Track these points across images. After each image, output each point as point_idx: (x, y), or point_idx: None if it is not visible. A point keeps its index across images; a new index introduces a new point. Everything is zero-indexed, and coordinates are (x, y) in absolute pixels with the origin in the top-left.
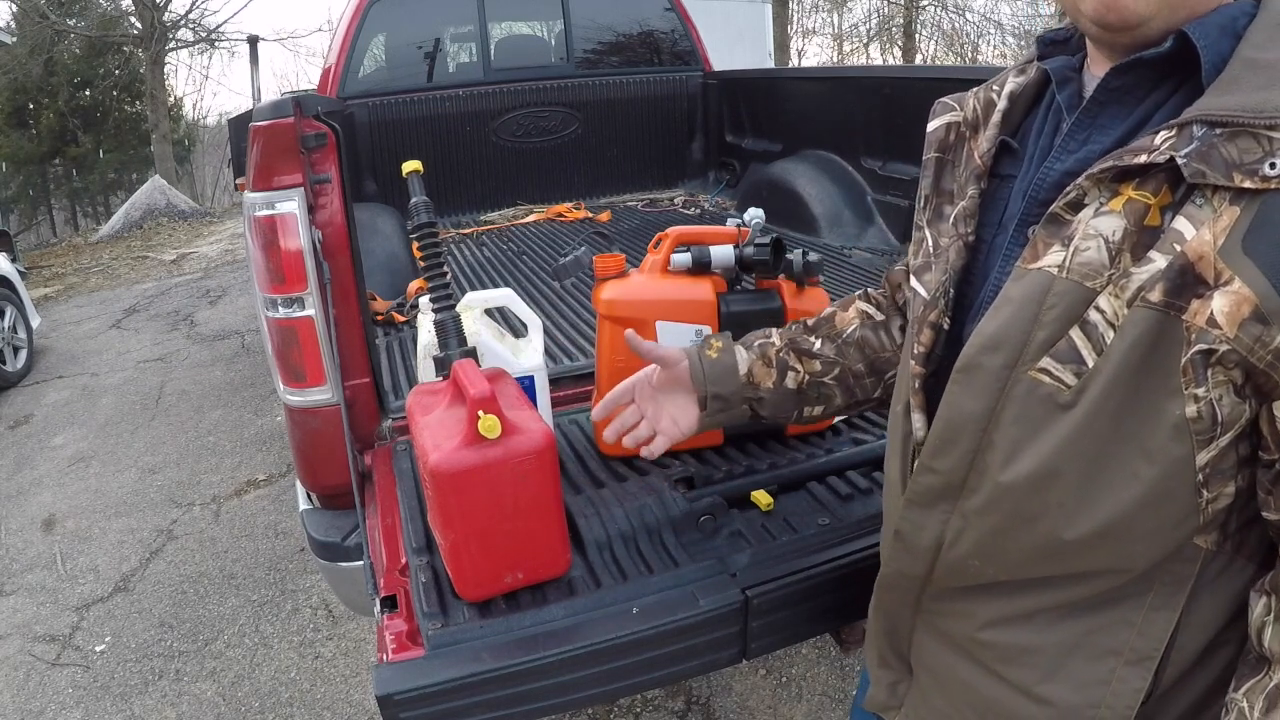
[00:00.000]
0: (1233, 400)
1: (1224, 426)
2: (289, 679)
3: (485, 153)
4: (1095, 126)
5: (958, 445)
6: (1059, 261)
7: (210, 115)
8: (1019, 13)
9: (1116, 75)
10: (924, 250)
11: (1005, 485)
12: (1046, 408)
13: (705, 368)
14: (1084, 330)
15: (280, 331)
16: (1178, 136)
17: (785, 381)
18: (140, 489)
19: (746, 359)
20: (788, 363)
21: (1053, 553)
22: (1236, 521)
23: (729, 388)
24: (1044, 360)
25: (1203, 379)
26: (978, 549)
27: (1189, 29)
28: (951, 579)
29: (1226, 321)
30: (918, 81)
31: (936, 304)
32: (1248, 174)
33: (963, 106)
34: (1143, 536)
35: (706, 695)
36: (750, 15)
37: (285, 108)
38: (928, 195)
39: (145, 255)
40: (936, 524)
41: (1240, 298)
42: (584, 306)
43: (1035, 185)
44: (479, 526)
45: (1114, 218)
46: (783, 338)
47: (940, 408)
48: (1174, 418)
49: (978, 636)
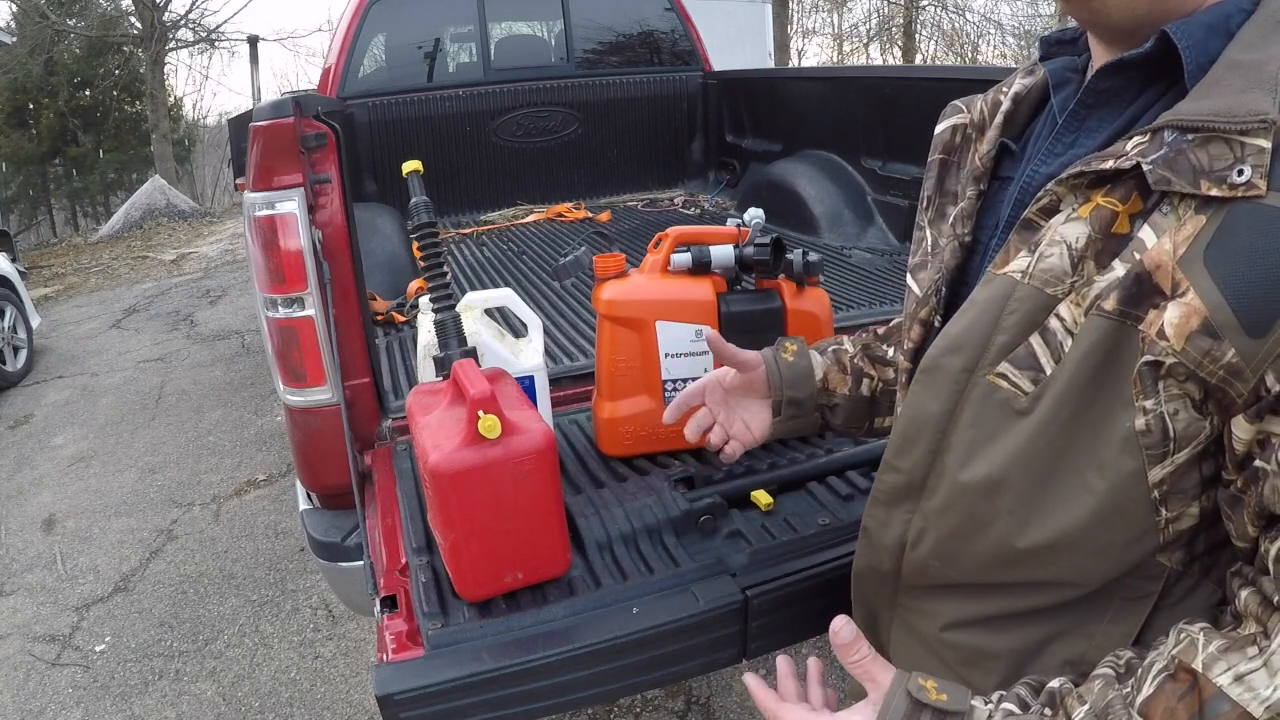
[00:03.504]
0: (1190, 415)
1: (1178, 442)
2: (289, 679)
3: (485, 153)
4: (1083, 130)
5: (918, 445)
6: (1023, 267)
7: (210, 115)
8: (1019, 13)
9: (1104, 77)
10: (923, 249)
11: (961, 487)
12: (1003, 413)
13: (782, 370)
14: (1044, 337)
15: (280, 331)
16: (1149, 142)
17: (860, 389)
18: (140, 489)
19: (822, 364)
20: (862, 369)
21: (1007, 560)
22: (1204, 544)
23: (804, 392)
24: (1002, 365)
25: (1152, 391)
26: (937, 550)
27: (1170, 28)
28: (917, 577)
29: (1174, 334)
30: (918, 81)
31: (928, 301)
32: (1216, 181)
33: (970, 109)
34: (1096, 551)
35: (706, 695)
36: (750, 15)
37: (285, 108)
38: (930, 195)
39: (145, 255)
40: (900, 523)
41: (1191, 309)
42: (584, 306)
43: (1022, 189)
44: (479, 526)
45: (1080, 224)
46: (856, 344)
47: (904, 407)
48: (1124, 430)
49: (941, 636)
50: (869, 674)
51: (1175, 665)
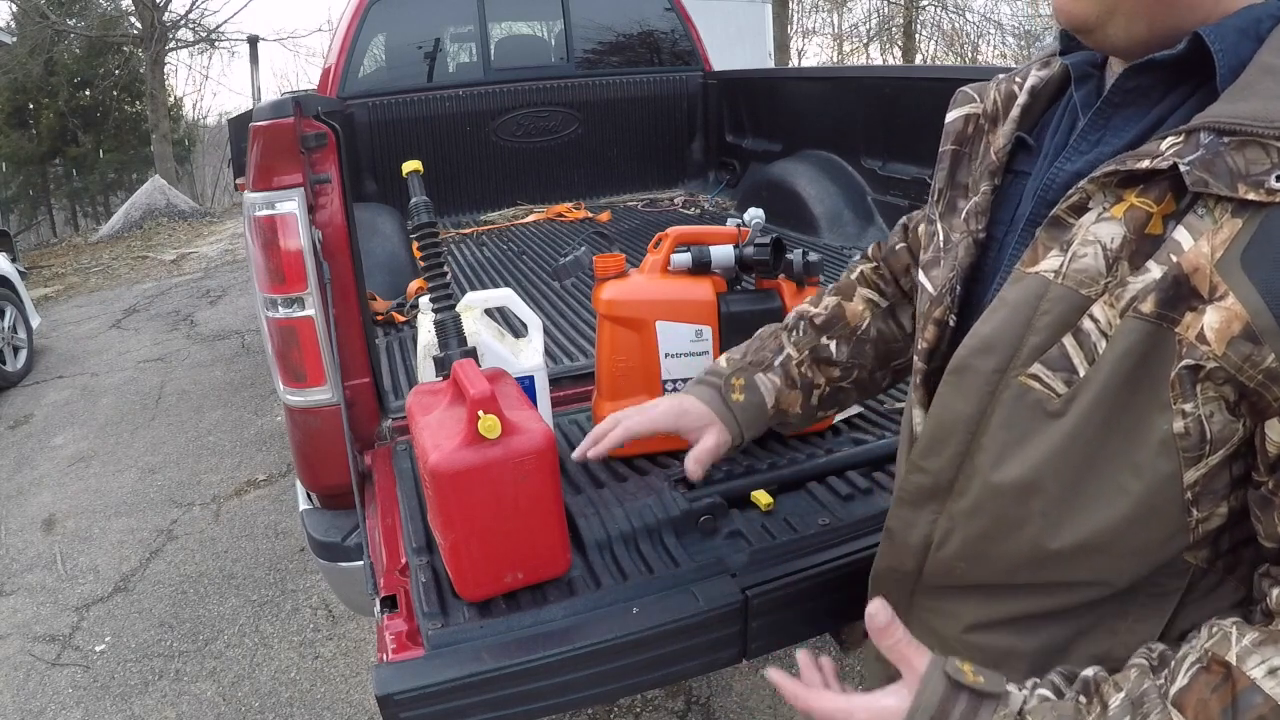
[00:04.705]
0: (1225, 418)
1: (1214, 445)
2: (289, 679)
3: (485, 153)
4: (1109, 128)
5: (947, 446)
6: (1056, 267)
7: (210, 115)
8: (1019, 13)
9: (1131, 76)
10: (934, 245)
11: (993, 489)
12: (1035, 414)
13: (737, 415)
14: (1077, 339)
15: (280, 331)
16: (1184, 143)
17: (810, 400)
18: (140, 489)
19: (772, 388)
20: (811, 380)
21: (1038, 561)
22: (1229, 541)
23: (761, 425)
24: (1035, 366)
25: (1191, 394)
26: (964, 551)
27: (1204, 31)
28: (940, 578)
29: (1215, 338)
30: (918, 81)
31: (943, 300)
32: (1253, 185)
33: (983, 98)
34: (1129, 552)
35: (706, 695)
36: (750, 15)
37: (285, 108)
38: (942, 188)
39: (145, 255)
40: (925, 523)
41: (1232, 314)
42: (584, 306)
43: (1045, 185)
44: (479, 526)
45: (1114, 224)
46: (800, 348)
47: (932, 407)
48: (1161, 433)
49: (964, 638)
50: (904, 657)
51: (1209, 658)
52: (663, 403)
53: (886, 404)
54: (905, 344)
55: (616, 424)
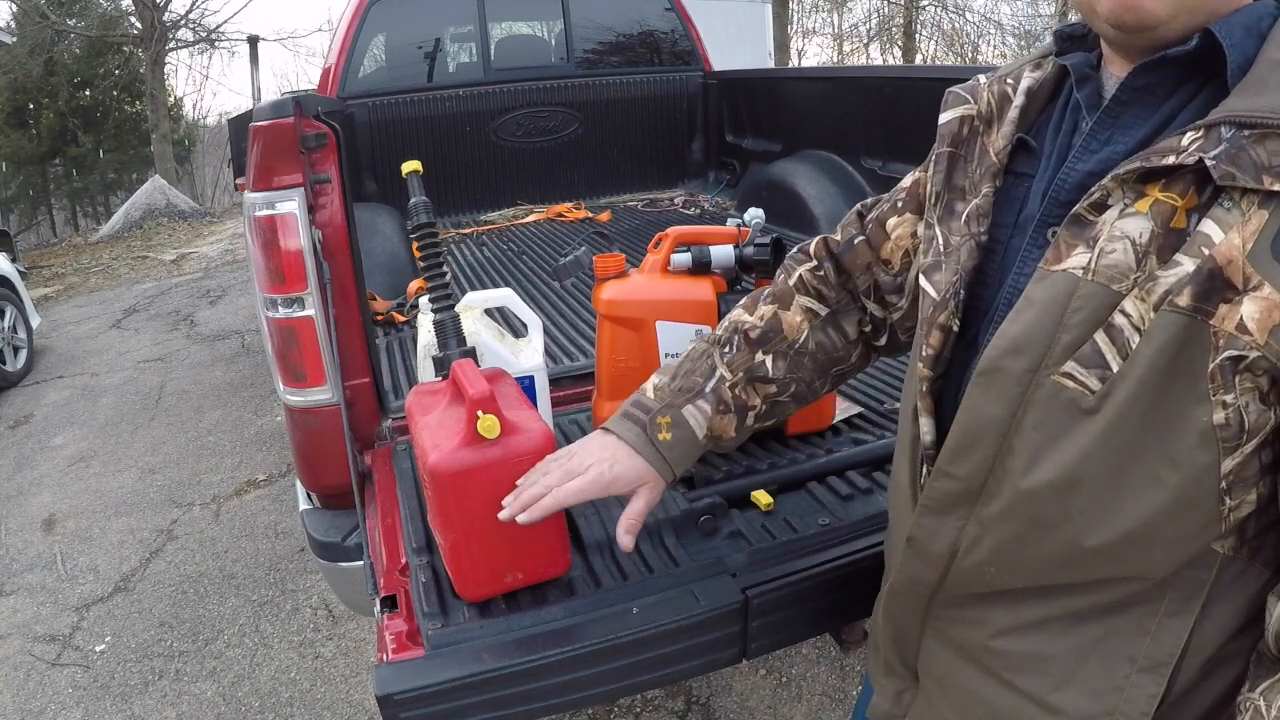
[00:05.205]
0: (1259, 407)
1: (1250, 433)
2: (289, 679)
3: (485, 153)
4: (1118, 126)
5: (977, 450)
6: (1084, 263)
7: (210, 115)
8: (1019, 13)
9: (1140, 74)
10: (934, 249)
11: (1026, 491)
12: (1070, 413)
13: (668, 457)
14: (1109, 334)
15: (280, 331)
16: (1205, 138)
17: (745, 421)
18: (140, 489)
19: (703, 419)
20: (745, 401)
21: (1072, 560)
22: (1255, 527)
23: (694, 459)
24: (1068, 364)
25: (1231, 385)
26: (995, 556)
27: (1214, 28)
28: (964, 586)
29: (1257, 328)
30: (918, 81)
31: (946, 305)
32: (1277, 177)
33: (976, 99)
34: (1165, 544)
35: (706, 695)
36: (750, 15)
37: (285, 108)
38: (939, 191)
39: (145, 255)
40: (952, 530)
41: (1271, 304)
42: (584, 306)
43: (1056, 186)
44: (479, 526)
45: (1141, 219)
46: (734, 368)
47: (960, 412)
48: (1201, 424)
49: (989, 644)
50: None
51: None
52: (591, 455)
53: (886, 404)
54: (846, 352)
55: (546, 488)
